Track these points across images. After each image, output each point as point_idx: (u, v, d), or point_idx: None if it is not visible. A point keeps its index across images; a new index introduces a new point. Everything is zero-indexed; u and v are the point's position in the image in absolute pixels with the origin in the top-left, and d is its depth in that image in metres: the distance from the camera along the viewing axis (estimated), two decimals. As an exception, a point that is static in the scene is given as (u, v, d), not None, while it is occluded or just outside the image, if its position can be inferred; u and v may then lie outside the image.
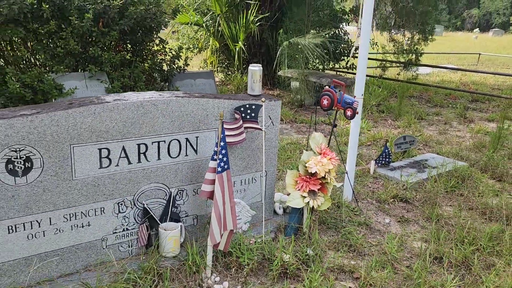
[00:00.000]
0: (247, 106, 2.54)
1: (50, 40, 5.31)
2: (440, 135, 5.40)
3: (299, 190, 2.72)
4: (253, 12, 7.45)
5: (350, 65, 8.43)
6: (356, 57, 7.06)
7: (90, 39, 5.48)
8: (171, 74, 6.69)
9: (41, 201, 2.05)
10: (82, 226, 2.20)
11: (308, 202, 2.71)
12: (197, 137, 2.46)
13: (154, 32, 6.35)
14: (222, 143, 2.23)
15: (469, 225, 2.94)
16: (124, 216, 2.33)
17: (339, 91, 3.05)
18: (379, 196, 3.51)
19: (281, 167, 4.07)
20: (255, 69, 2.67)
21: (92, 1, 5.20)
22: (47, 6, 4.85)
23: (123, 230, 2.35)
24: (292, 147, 4.75)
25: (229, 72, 8.52)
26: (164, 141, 2.36)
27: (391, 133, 5.33)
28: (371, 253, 2.68)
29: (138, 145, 2.27)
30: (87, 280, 2.14)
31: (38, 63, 5.58)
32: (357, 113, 3.01)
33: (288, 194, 2.77)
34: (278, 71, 7.19)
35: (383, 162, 4.06)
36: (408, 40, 7.64)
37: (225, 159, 2.25)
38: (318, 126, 5.77)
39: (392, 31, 7.71)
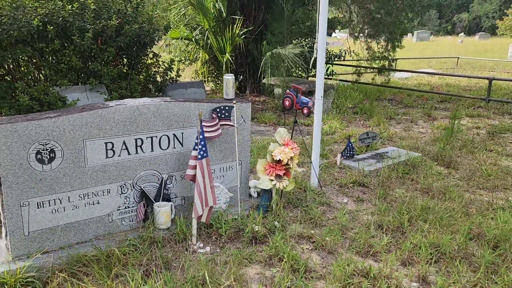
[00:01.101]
0: (222, 107, 3.18)
1: (54, 57, 5.94)
2: (405, 131, 6.06)
3: (267, 174, 3.35)
4: (238, 26, 8.13)
5: (330, 72, 9.11)
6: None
7: (90, 55, 6.11)
8: (164, 85, 7.32)
9: (61, 183, 2.66)
10: (93, 204, 2.82)
11: (275, 184, 3.33)
12: (182, 133, 3.09)
13: (148, 47, 7.00)
14: (201, 136, 2.86)
15: (408, 200, 3.57)
16: (126, 196, 2.94)
17: (298, 92, 3.69)
18: (341, 182, 4.14)
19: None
20: (229, 78, 3.31)
21: (91, 22, 5.85)
22: (51, 28, 5.49)
23: (125, 207, 2.96)
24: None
25: (219, 81, 9.17)
26: (156, 136, 2.98)
27: (361, 131, 5.97)
28: (327, 224, 3.29)
29: (136, 139, 2.90)
30: (99, 245, 2.75)
31: (43, 78, 6.20)
32: (313, 112, 3.65)
33: (259, 179, 3.39)
34: (263, 79, 7.85)
35: (348, 155, 4.70)
36: (380, 48, 8.32)
37: (204, 148, 2.87)
38: (295, 127, 6.41)
39: (363, 39, 8.39)
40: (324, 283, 2.55)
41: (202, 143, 2.87)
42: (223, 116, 3.18)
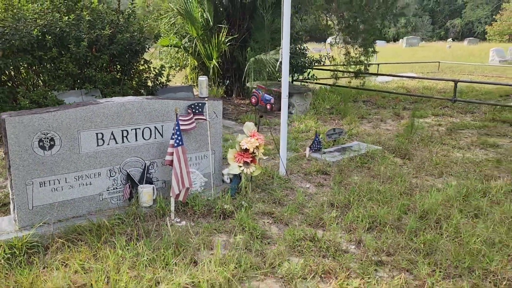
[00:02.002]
0: (196, 104, 3.74)
1: (52, 64, 6.50)
2: (373, 129, 6.64)
3: (236, 162, 3.91)
4: (224, 34, 8.73)
5: (310, 76, 9.71)
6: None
7: (85, 62, 6.68)
8: (155, 89, 7.89)
9: (60, 167, 3.21)
10: (86, 185, 3.37)
11: (243, 169, 3.89)
12: (162, 126, 3.65)
13: (140, 55, 7.59)
14: (177, 127, 3.42)
15: (359, 184, 4.13)
16: (114, 179, 3.49)
17: (262, 91, 4.26)
18: (306, 171, 4.70)
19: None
20: (202, 79, 3.88)
21: (86, 31, 6.42)
22: (50, 37, 6.06)
23: (113, 188, 3.51)
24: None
25: (207, 86, 9.75)
26: (140, 128, 3.54)
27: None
28: (288, 204, 3.84)
29: (122, 131, 3.45)
30: (91, 218, 3.29)
31: (42, 83, 6.75)
32: (274, 108, 4.21)
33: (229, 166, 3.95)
34: (247, 83, 8.43)
35: (316, 148, 5.26)
36: (356, 53, 8.94)
37: (179, 138, 3.43)
38: (276, 127, 6.97)
39: (340, 45, 9.00)
40: (281, 249, 3.09)
41: (178, 133, 3.42)
42: (197, 111, 3.75)
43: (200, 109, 3.75)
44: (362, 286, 2.59)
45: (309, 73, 9.82)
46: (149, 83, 7.94)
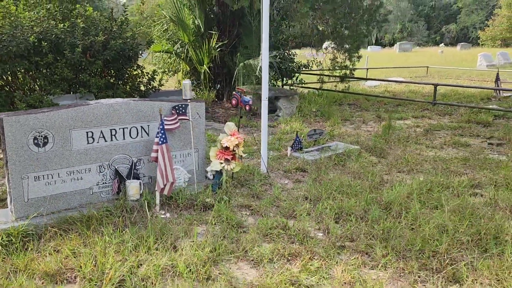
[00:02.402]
0: (180, 105, 4.05)
1: (48, 70, 6.81)
2: (354, 130, 6.96)
3: (218, 159, 4.22)
4: (215, 40, 9.07)
5: (299, 80, 10.05)
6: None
7: (80, 68, 6.99)
8: (148, 93, 8.20)
9: (53, 162, 3.51)
10: (77, 179, 3.67)
11: (224, 166, 4.20)
12: (148, 126, 3.96)
13: (133, 60, 7.91)
14: (161, 126, 3.73)
15: (333, 179, 4.44)
16: (103, 174, 3.79)
17: (241, 93, 4.58)
18: (286, 168, 5.01)
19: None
20: (186, 83, 4.19)
21: (81, 38, 6.74)
22: (45, 44, 6.37)
23: (103, 183, 3.81)
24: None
25: (199, 90, 10.07)
26: (127, 127, 3.85)
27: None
28: (265, 198, 4.15)
29: (111, 130, 3.76)
30: (82, 211, 3.59)
31: (38, 88, 7.05)
32: (254, 108, 4.52)
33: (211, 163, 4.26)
34: (236, 87, 8.75)
35: (297, 148, 5.57)
36: (342, 59, 9.30)
37: (163, 136, 3.74)
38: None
39: (326, 51, 9.36)
40: (254, 236, 3.39)
41: (162, 132, 3.73)
42: (180, 112, 4.06)
43: (183, 110, 4.07)
44: (323, 266, 2.90)
45: (297, 77, 10.18)
46: (142, 88, 8.25)
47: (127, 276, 2.74)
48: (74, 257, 2.99)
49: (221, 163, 4.20)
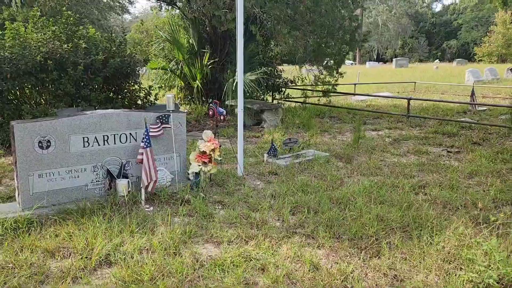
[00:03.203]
0: (163, 115, 4.74)
1: (53, 85, 7.55)
2: (330, 140, 7.62)
3: (196, 162, 4.88)
4: (207, 58, 9.83)
5: (286, 95, 10.77)
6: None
7: (81, 84, 7.73)
8: (144, 107, 8.92)
9: (54, 162, 4.19)
10: (75, 177, 4.34)
11: (201, 168, 4.86)
12: (136, 132, 4.64)
13: (130, 77, 8.66)
14: (146, 133, 4.41)
15: (297, 180, 5.08)
16: (97, 173, 4.47)
17: (217, 105, 5.27)
18: (260, 172, 5.66)
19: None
20: (169, 96, 4.89)
21: (82, 57, 7.49)
22: (51, 62, 7.12)
23: (97, 181, 4.48)
24: (225, 151, 6.91)
25: (192, 104, 10.80)
26: (118, 134, 4.53)
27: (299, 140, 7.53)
28: (237, 195, 4.79)
29: (103, 135, 4.44)
30: (78, 203, 4.24)
31: (44, 102, 7.79)
32: (226, 118, 5.19)
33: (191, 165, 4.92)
34: (226, 101, 9.46)
35: (273, 154, 6.23)
36: (324, 75, 10.02)
37: (148, 141, 4.41)
38: (248, 139, 7.96)
39: (308, 67, 10.10)
40: (219, 222, 4.03)
41: (147, 137, 4.41)
42: (164, 121, 4.75)
43: (166, 120, 4.75)
44: (273, 245, 3.53)
45: (284, 92, 10.91)
46: (139, 101, 8.98)
47: (111, 252, 3.38)
48: (70, 238, 3.63)
49: (199, 165, 4.87)
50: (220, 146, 5.11)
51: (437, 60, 52.26)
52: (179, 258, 3.31)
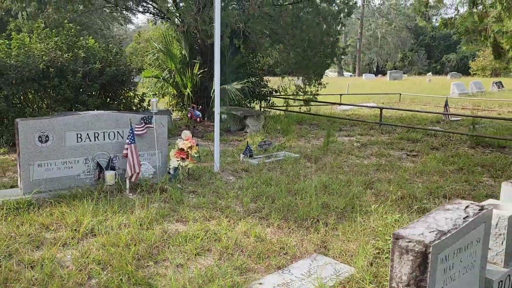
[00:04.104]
0: (147, 116, 5.49)
1: (54, 91, 8.33)
2: (304, 144, 8.36)
3: (175, 157, 5.61)
4: (197, 67, 10.62)
5: (271, 103, 11.56)
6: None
7: (80, 90, 8.50)
8: (138, 112, 9.67)
9: (52, 154, 4.93)
10: (69, 168, 5.07)
11: (180, 163, 5.59)
12: (122, 131, 5.39)
13: (125, 84, 9.44)
14: (130, 131, 5.16)
15: (264, 175, 5.81)
16: (88, 165, 5.20)
17: (194, 109, 6.02)
18: (234, 169, 6.39)
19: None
20: (153, 100, 5.65)
21: (81, 65, 8.28)
22: (52, 70, 7.90)
23: (87, 172, 5.21)
24: (206, 152, 7.64)
25: (184, 111, 11.57)
26: (107, 131, 5.27)
27: (276, 143, 8.27)
28: (210, 187, 5.51)
29: (94, 133, 5.19)
30: (71, 190, 4.97)
31: (46, 106, 8.55)
32: (201, 120, 5.93)
33: (170, 160, 5.66)
34: (213, 108, 10.22)
35: (249, 155, 6.96)
36: (306, 85, 10.82)
37: (132, 138, 5.15)
38: (232, 142, 8.70)
39: (290, 78, 10.89)
40: (191, 208, 4.74)
41: (132, 135, 5.15)
42: (147, 122, 5.50)
43: (149, 120, 5.50)
44: (231, 224, 4.24)
45: (269, 100, 11.71)
46: (133, 107, 9.74)
47: (96, 226, 4.10)
48: (62, 216, 4.36)
49: (178, 160, 5.60)
50: (197, 145, 5.84)
51: (429, 73, 53.15)
52: (151, 231, 4.02)
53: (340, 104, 14.66)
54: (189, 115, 6.04)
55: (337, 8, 10.90)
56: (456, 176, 6.02)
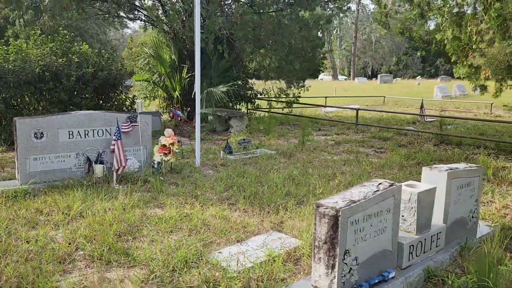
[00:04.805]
0: (132, 116, 6.10)
1: (49, 94, 8.91)
2: (283, 142, 8.98)
3: (159, 153, 6.22)
4: (185, 72, 11.24)
5: (256, 105, 12.21)
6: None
7: (74, 93, 9.10)
8: (124, 112, 10.26)
9: (46, 149, 5.53)
10: (62, 161, 5.67)
11: (162, 158, 6.20)
12: (110, 129, 5.99)
13: (117, 87, 10.03)
14: (117, 129, 5.76)
15: (239, 169, 6.42)
16: (79, 159, 5.80)
17: (176, 109, 6.64)
18: (214, 164, 7.00)
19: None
20: (139, 101, 6.27)
21: (75, 70, 8.88)
22: (48, 74, 8.50)
23: (79, 165, 5.81)
24: (191, 150, 8.25)
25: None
26: (96, 129, 5.88)
27: (256, 142, 8.88)
28: (190, 179, 6.11)
29: (85, 130, 5.79)
30: (63, 181, 5.56)
31: (41, 108, 9.14)
32: (184, 119, 6.54)
33: (154, 155, 6.26)
34: (201, 110, 10.82)
35: (228, 151, 7.57)
36: (288, 88, 11.47)
37: (119, 135, 5.75)
38: (216, 141, 9.31)
39: (273, 82, 11.53)
40: (169, 196, 5.34)
41: (118, 132, 5.76)
42: (133, 120, 6.11)
43: (134, 119, 6.12)
44: (203, 208, 4.84)
45: (255, 103, 12.35)
46: (124, 109, 10.34)
47: (84, 210, 4.70)
48: (55, 203, 4.95)
49: (161, 155, 6.21)
50: (178, 142, 6.46)
51: (419, 77, 54.03)
52: (132, 213, 4.63)
53: (325, 106, 15.31)
54: (171, 115, 6.65)
55: (330, 13, 11.61)
56: (413, 169, 6.65)
